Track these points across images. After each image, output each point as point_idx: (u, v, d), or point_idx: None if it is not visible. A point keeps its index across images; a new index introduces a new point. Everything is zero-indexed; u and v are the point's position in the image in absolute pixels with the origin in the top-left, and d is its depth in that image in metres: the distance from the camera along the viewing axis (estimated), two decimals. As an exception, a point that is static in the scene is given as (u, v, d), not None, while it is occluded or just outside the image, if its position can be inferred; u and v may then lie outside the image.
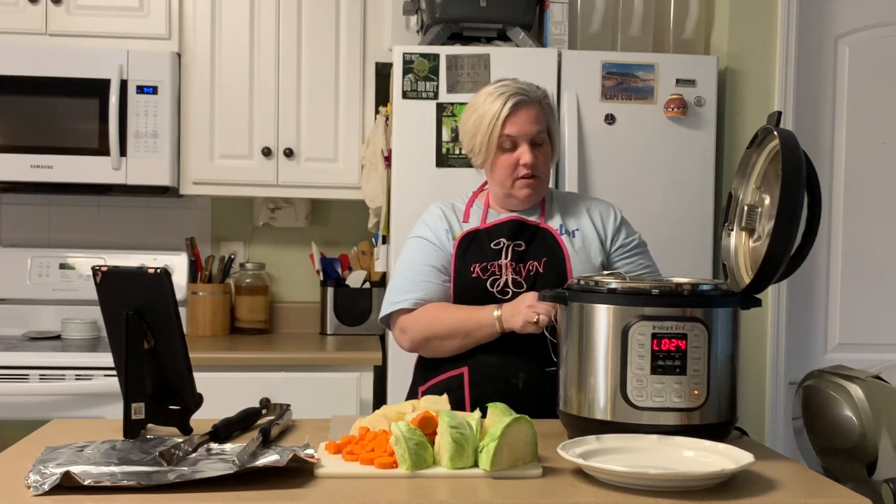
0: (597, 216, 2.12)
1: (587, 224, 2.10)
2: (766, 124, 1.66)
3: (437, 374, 2.06)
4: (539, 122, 2.03)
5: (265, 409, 1.83)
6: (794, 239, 1.57)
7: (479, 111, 2.04)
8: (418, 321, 2.02)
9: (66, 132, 3.03)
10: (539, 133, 2.03)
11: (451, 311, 2.01)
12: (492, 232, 2.06)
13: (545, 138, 2.06)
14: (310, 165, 3.17)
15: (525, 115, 2.01)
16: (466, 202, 2.15)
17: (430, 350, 2.05)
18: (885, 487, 1.64)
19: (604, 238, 2.10)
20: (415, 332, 2.03)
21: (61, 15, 3.07)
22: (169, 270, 1.64)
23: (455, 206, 2.15)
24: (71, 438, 1.63)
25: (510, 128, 2.00)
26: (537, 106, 2.04)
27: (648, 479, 1.36)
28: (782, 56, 3.00)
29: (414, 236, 2.13)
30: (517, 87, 2.03)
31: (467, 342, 1.98)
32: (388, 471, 1.43)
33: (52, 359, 2.83)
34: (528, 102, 2.02)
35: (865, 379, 1.85)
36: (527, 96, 2.03)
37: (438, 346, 2.02)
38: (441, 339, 2.00)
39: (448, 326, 1.99)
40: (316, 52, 3.16)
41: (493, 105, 2.01)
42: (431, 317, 2.01)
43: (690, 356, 1.56)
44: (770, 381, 2.99)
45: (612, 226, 2.12)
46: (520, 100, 2.01)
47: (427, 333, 2.01)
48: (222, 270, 3.35)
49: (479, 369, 1.99)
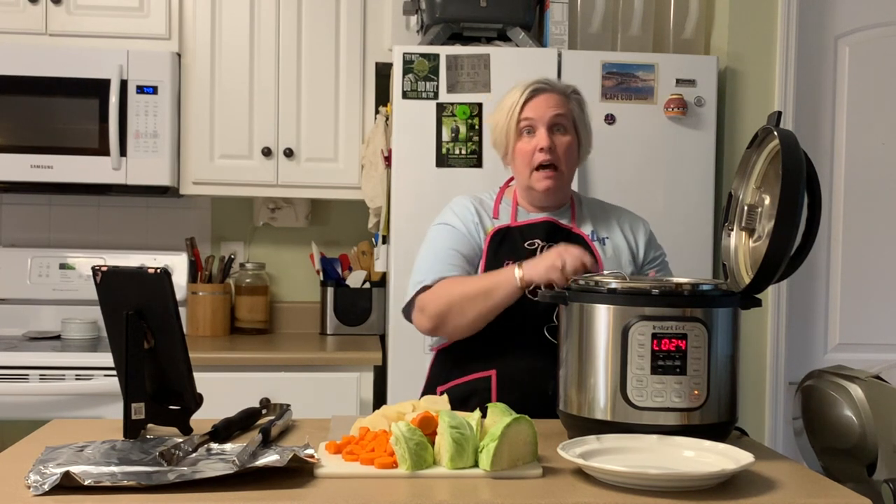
0: (627, 228, 2.10)
1: (618, 234, 2.08)
2: (766, 124, 1.66)
3: (461, 375, 2.00)
4: (560, 108, 2.00)
5: (265, 409, 1.83)
6: (794, 239, 1.57)
7: (502, 104, 2.04)
8: (436, 295, 1.94)
9: (66, 132, 3.03)
10: (558, 116, 1.99)
11: (469, 278, 1.95)
12: (524, 231, 2.02)
13: (568, 127, 2.02)
14: (310, 165, 3.17)
15: (544, 100, 1.99)
16: (494, 198, 2.11)
17: (450, 324, 1.93)
18: (885, 487, 1.64)
19: (635, 251, 2.07)
20: (433, 306, 1.94)
21: (61, 15, 3.07)
22: (169, 270, 1.64)
23: (483, 200, 2.10)
24: (71, 438, 1.63)
25: (527, 111, 1.99)
26: (560, 96, 2.02)
27: (648, 479, 1.36)
28: (782, 56, 3.00)
29: (440, 223, 2.08)
30: (540, 78, 2.03)
31: (488, 305, 1.88)
32: (388, 471, 1.43)
33: (52, 359, 2.82)
34: (549, 91, 2.01)
35: (865, 379, 1.85)
36: (548, 85, 2.02)
37: (459, 315, 1.90)
38: (461, 305, 1.89)
39: (467, 289, 1.90)
40: (316, 52, 3.16)
41: (514, 94, 2.01)
42: (450, 285, 1.94)
43: (690, 356, 1.56)
44: (770, 381, 2.99)
45: (643, 239, 2.10)
46: (539, 87, 2.00)
47: (446, 301, 1.91)
48: (222, 270, 3.35)
49: (507, 373, 1.93)
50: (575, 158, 2.05)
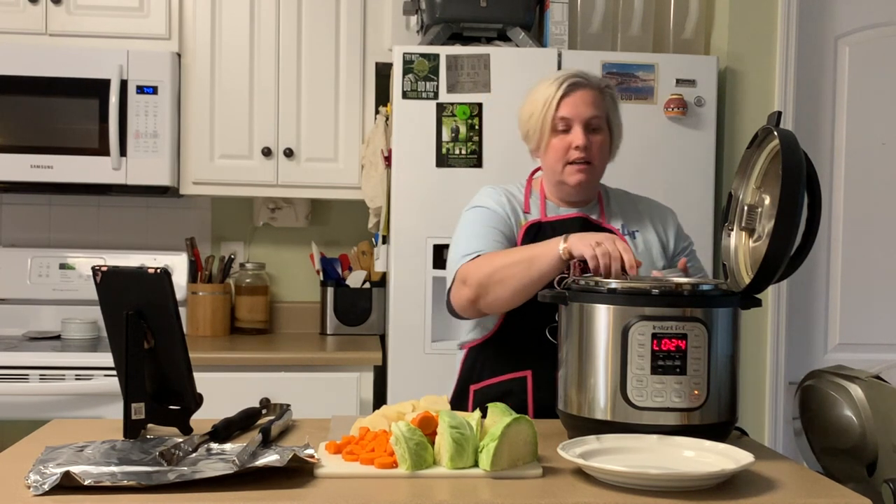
0: (657, 220, 2.08)
1: (648, 227, 2.06)
2: (766, 124, 1.66)
3: (495, 375, 1.99)
4: (596, 107, 1.98)
5: (265, 409, 1.83)
6: (794, 239, 1.57)
7: (535, 94, 2.01)
8: (478, 265, 1.90)
9: (66, 132, 3.03)
10: (595, 118, 1.98)
11: (512, 249, 1.93)
12: (556, 227, 1.99)
13: (602, 125, 2.00)
14: (310, 165, 3.17)
15: (581, 98, 1.97)
16: (523, 190, 2.08)
17: (491, 294, 1.87)
18: (885, 487, 1.64)
19: (665, 242, 2.06)
20: (475, 276, 1.88)
21: (61, 15, 3.07)
22: (169, 270, 1.64)
23: (513, 193, 2.07)
24: (71, 438, 1.63)
25: (564, 109, 1.96)
26: (596, 92, 1.99)
27: (648, 479, 1.36)
28: (782, 56, 3.00)
29: (476, 206, 2.04)
30: (576, 72, 2.01)
31: (531, 274, 1.81)
32: (388, 471, 1.43)
33: (52, 359, 2.82)
34: (585, 86, 1.98)
35: (865, 379, 1.85)
36: (584, 80, 1.99)
37: (500, 284, 1.85)
38: (503, 273, 1.84)
39: (510, 258, 1.86)
40: (316, 52, 3.16)
41: (550, 87, 1.98)
42: (492, 255, 1.90)
43: (690, 356, 1.56)
44: (770, 381, 2.99)
45: (673, 231, 2.08)
46: (575, 82, 1.98)
47: (489, 270, 1.86)
48: (222, 270, 3.35)
49: (544, 374, 1.91)
50: (607, 155, 2.04)
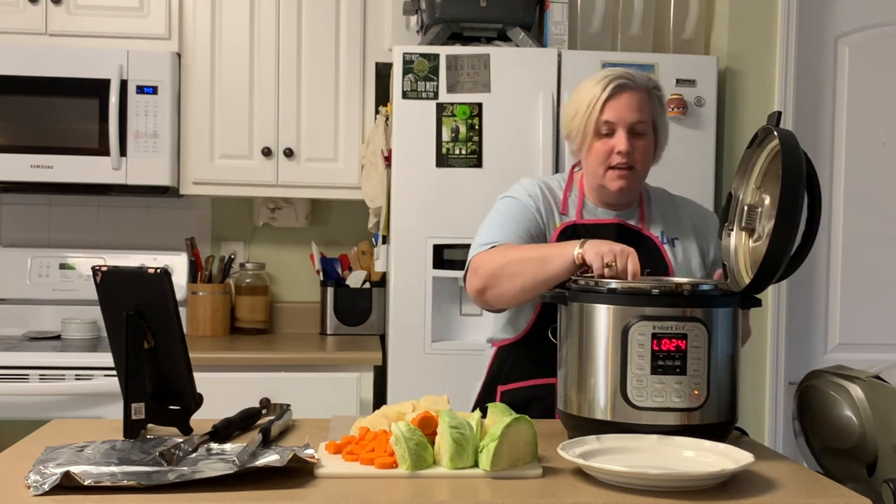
0: (699, 228, 2.04)
1: (689, 235, 2.02)
2: (766, 124, 1.66)
3: (523, 379, 1.97)
4: (641, 112, 1.93)
5: (265, 409, 1.83)
6: (794, 239, 1.57)
7: (580, 93, 1.96)
8: (491, 255, 1.88)
9: (66, 132, 3.03)
10: (640, 122, 1.92)
11: (528, 245, 1.91)
12: (591, 232, 1.94)
13: (647, 130, 1.95)
14: (310, 165, 3.17)
15: (626, 101, 1.92)
16: (563, 186, 2.04)
17: (499, 287, 1.85)
18: (885, 487, 1.64)
19: (705, 251, 2.03)
20: (487, 267, 1.87)
21: (61, 15, 3.07)
22: (169, 270, 1.64)
23: (552, 188, 2.03)
24: (71, 438, 1.63)
25: (608, 112, 1.91)
26: (643, 94, 1.94)
27: (648, 479, 1.36)
28: (782, 56, 3.00)
29: (509, 196, 2.02)
30: (623, 73, 1.95)
31: (541, 274, 1.79)
32: (388, 471, 1.43)
33: (52, 359, 2.82)
34: (631, 88, 1.93)
35: (865, 379, 1.85)
36: (631, 81, 1.93)
37: (509, 278, 1.83)
38: (514, 268, 1.82)
39: (524, 254, 1.84)
40: (316, 52, 3.16)
41: (595, 88, 1.93)
42: (507, 248, 1.88)
43: (690, 356, 1.56)
44: (770, 381, 2.99)
45: (714, 240, 2.02)
46: (622, 83, 1.92)
47: (501, 263, 1.85)
48: (222, 270, 3.35)
49: None
50: (651, 159, 1.99)
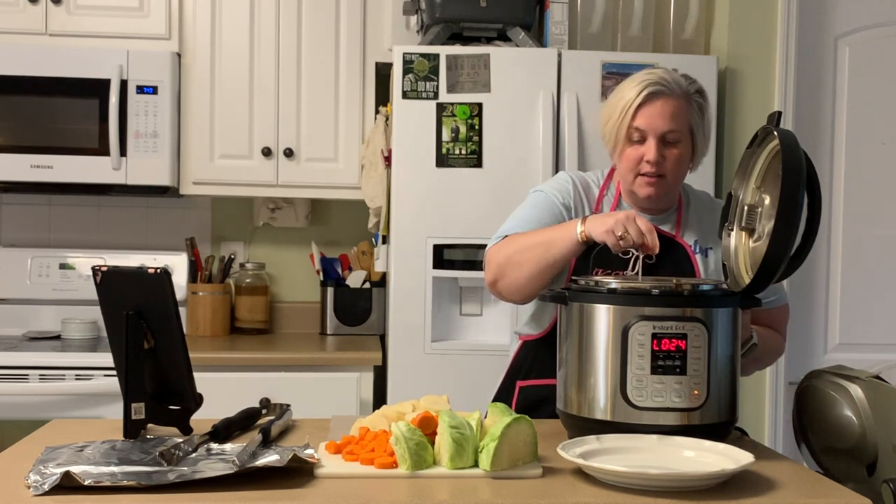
0: None
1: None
2: (766, 124, 1.66)
3: (541, 377, 1.94)
4: (675, 120, 1.86)
5: (265, 409, 1.83)
6: (794, 239, 1.57)
7: (617, 96, 1.91)
8: (501, 246, 1.89)
9: (66, 132, 3.03)
10: (672, 132, 1.86)
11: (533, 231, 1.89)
12: None
13: (680, 138, 1.88)
14: (310, 165, 3.17)
15: (659, 109, 1.85)
16: (601, 183, 2.01)
17: (508, 277, 1.86)
18: (885, 487, 1.64)
19: None
20: (496, 258, 1.88)
21: (61, 15, 3.07)
22: (169, 270, 1.64)
23: (589, 186, 2.01)
24: (71, 438, 1.63)
25: (640, 119, 1.86)
26: (680, 101, 1.87)
27: (648, 479, 1.36)
28: (782, 56, 3.00)
29: (535, 190, 2.01)
30: (660, 77, 1.88)
31: (547, 258, 1.80)
32: (388, 471, 1.43)
33: (52, 359, 2.82)
34: (666, 95, 1.86)
35: (865, 379, 1.85)
36: (667, 88, 1.86)
37: (517, 267, 1.84)
38: (520, 255, 1.83)
39: (529, 240, 1.85)
40: (316, 52, 3.16)
41: (630, 92, 1.87)
42: (515, 237, 1.89)
43: (690, 356, 1.56)
44: (770, 381, 2.99)
45: None
46: (656, 90, 1.85)
47: (508, 252, 1.86)
48: (222, 270, 3.35)
49: None
50: (685, 168, 1.93)
